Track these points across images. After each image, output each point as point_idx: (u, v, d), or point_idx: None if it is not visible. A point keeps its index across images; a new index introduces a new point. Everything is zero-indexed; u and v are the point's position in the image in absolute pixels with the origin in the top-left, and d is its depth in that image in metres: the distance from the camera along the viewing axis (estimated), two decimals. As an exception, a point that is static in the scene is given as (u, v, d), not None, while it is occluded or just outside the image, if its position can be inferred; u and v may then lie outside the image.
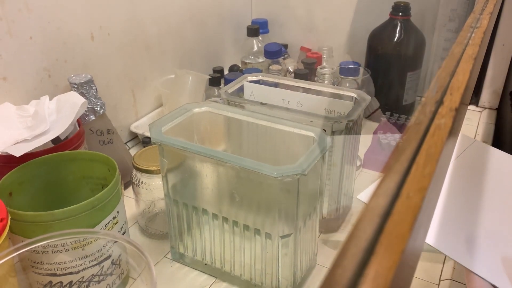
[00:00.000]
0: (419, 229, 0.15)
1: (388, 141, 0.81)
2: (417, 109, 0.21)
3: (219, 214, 0.54)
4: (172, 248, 0.61)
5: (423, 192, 0.15)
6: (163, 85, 0.91)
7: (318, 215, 0.56)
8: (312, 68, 0.95)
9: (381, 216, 0.14)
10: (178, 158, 0.54)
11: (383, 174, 0.16)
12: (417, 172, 0.16)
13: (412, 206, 0.15)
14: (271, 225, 0.50)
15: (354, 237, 0.13)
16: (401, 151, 0.17)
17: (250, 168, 0.46)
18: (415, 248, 0.16)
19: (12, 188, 0.52)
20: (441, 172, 0.19)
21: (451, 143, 0.21)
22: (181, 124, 0.57)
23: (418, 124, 0.19)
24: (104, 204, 0.49)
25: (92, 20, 0.75)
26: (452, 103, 0.21)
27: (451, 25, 0.97)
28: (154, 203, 0.64)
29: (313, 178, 0.52)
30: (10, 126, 0.59)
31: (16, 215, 0.46)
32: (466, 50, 0.29)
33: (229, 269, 0.57)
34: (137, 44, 0.86)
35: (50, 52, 0.69)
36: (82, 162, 0.57)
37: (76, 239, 0.47)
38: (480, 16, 0.37)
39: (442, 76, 0.24)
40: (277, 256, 0.51)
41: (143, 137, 0.87)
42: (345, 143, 0.60)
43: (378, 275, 0.12)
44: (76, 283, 0.49)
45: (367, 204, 0.15)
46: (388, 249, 0.13)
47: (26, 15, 0.64)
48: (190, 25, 0.99)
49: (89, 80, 0.68)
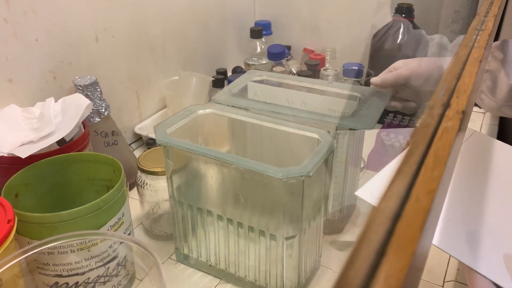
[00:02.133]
0: (428, 231, 0.15)
1: (392, 143, 0.81)
2: (425, 111, 0.21)
3: (223, 216, 0.54)
4: (176, 250, 0.61)
5: (432, 194, 0.16)
6: (167, 86, 0.92)
7: (322, 217, 0.57)
8: (315, 70, 0.95)
9: (391, 218, 0.14)
10: (183, 160, 0.54)
11: (392, 177, 0.16)
12: (426, 174, 0.16)
13: (421, 208, 0.15)
14: (275, 226, 0.50)
15: (365, 239, 0.13)
16: (409, 154, 0.17)
17: (255, 169, 0.47)
18: (424, 250, 0.16)
19: (18, 190, 0.53)
20: (449, 175, 0.19)
21: (458, 146, 0.21)
22: (186, 126, 0.57)
23: (425, 126, 0.19)
24: (109, 206, 0.49)
25: (97, 22, 0.76)
26: (459, 106, 0.21)
27: (454, 26, 0.97)
28: (158, 205, 0.64)
29: (317, 180, 0.52)
30: (16, 128, 0.59)
31: (22, 217, 0.46)
32: (472, 53, 0.29)
33: (234, 271, 0.57)
34: (141, 46, 0.86)
35: (55, 54, 0.70)
36: (87, 164, 0.58)
37: (82, 241, 0.47)
38: (485, 19, 0.37)
39: (449, 78, 0.24)
40: (282, 257, 0.51)
41: (147, 138, 0.87)
42: (349, 145, 0.60)
43: (390, 276, 0.12)
44: (82, 284, 0.49)
45: (377, 206, 0.15)
46: (399, 251, 0.13)
47: (32, 18, 0.65)
48: (194, 27, 1.00)
49: (93, 82, 0.69)
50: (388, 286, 0.12)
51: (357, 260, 0.13)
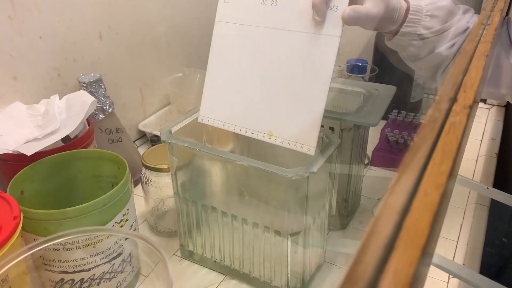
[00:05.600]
0: (436, 225, 0.15)
1: (396, 139, 0.81)
2: (432, 106, 0.21)
3: (228, 212, 0.54)
4: (181, 246, 0.61)
5: (440, 189, 0.15)
6: (171, 83, 0.92)
7: (327, 213, 0.57)
8: None
9: (400, 213, 0.14)
10: (187, 157, 0.54)
11: (400, 172, 0.16)
12: (433, 169, 0.16)
13: (430, 203, 0.15)
14: (280, 223, 0.50)
15: (374, 233, 0.13)
16: (417, 149, 0.17)
17: (260, 166, 0.47)
18: (432, 245, 0.16)
19: (24, 187, 0.53)
20: (457, 169, 0.19)
21: (465, 140, 0.21)
22: (191, 124, 0.57)
23: (433, 121, 0.19)
24: (114, 202, 0.49)
25: (101, 19, 0.76)
26: (466, 101, 0.21)
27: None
28: (163, 201, 0.65)
29: (322, 176, 0.52)
30: (21, 125, 0.60)
31: (28, 213, 0.46)
32: (478, 47, 0.29)
33: (239, 267, 0.57)
34: (145, 43, 0.86)
35: (60, 51, 0.70)
36: (92, 161, 0.58)
37: (88, 237, 0.47)
38: (491, 13, 0.37)
39: (455, 73, 0.24)
40: (287, 253, 0.51)
41: (151, 135, 0.87)
42: (353, 141, 0.60)
43: (399, 270, 0.12)
44: (87, 281, 0.50)
45: (385, 201, 0.15)
46: (408, 245, 0.13)
47: (36, 15, 0.65)
48: (197, 24, 1.00)
49: (98, 79, 0.69)
50: (397, 281, 0.12)
51: (366, 254, 0.13)
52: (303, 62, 0.49)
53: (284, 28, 0.50)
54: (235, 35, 0.53)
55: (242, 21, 0.53)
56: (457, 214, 0.69)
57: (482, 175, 0.79)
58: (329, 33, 0.48)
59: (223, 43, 0.54)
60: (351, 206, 0.67)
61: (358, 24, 0.49)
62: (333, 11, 0.48)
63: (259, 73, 0.51)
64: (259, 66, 0.51)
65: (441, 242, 0.63)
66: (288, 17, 0.50)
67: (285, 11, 0.50)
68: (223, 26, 0.54)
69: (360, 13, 0.47)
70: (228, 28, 0.53)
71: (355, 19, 0.47)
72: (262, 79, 0.51)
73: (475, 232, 0.65)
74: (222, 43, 0.54)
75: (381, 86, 0.64)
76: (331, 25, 0.48)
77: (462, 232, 0.65)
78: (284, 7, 0.50)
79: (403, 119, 0.88)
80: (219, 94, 0.54)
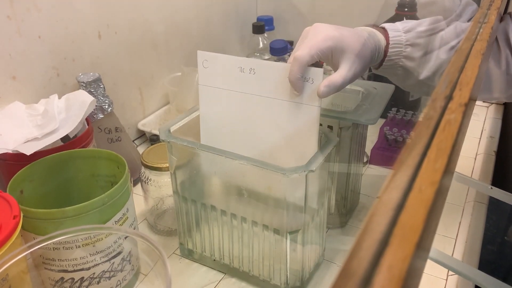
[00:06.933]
0: (431, 222, 0.15)
1: (395, 137, 0.81)
2: (428, 104, 0.21)
3: (227, 211, 0.54)
4: (181, 245, 0.61)
5: (435, 185, 0.16)
6: (170, 83, 0.92)
7: (325, 211, 0.57)
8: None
9: (395, 209, 0.14)
10: (186, 155, 0.55)
11: (395, 169, 0.17)
12: (428, 166, 0.17)
13: (424, 199, 0.15)
14: (279, 221, 0.50)
15: (368, 229, 0.13)
16: (412, 146, 0.17)
17: (259, 165, 0.47)
18: (427, 241, 0.16)
19: (23, 186, 0.53)
20: (452, 166, 0.19)
21: (461, 138, 0.21)
22: (190, 123, 0.57)
23: (428, 119, 0.19)
24: (114, 201, 0.49)
25: (100, 19, 0.76)
26: (461, 99, 0.22)
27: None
28: (162, 200, 0.65)
29: (321, 175, 0.52)
30: (20, 125, 0.60)
31: (28, 213, 0.46)
32: (475, 46, 0.29)
33: (238, 265, 0.57)
34: (144, 43, 0.86)
35: (59, 51, 0.70)
36: (92, 160, 0.58)
37: (87, 236, 0.47)
38: (488, 12, 0.37)
39: (451, 71, 0.24)
40: (285, 252, 0.52)
41: (151, 134, 0.87)
42: (352, 139, 0.60)
43: (393, 265, 0.12)
44: (87, 279, 0.50)
45: (380, 198, 0.15)
46: (403, 241, 0.13)
47: (35, 15, 0.65)
48: (196, 23, 1.00)
49: (97, 78, 0.69)
50: (391, 276, 0.12)
51: (360, 250, 0.13)
52: (287, 124, 0.51)
53: (265, 96, 0.52)
54: (219, 96, 0.54)
55: (223, 86, 0.54)
56: (456, 212, 0.69)
57: (480, 173, 0.79)
58: (309, 103, 0.50)
59: (209, 104, 0.56)
60: (350, 204, 0.67)
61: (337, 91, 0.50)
62: (309, 83, 0.49)
63: (247, 133, 0.54)
64: (246, 127, 0.54)
65: (440, 239, 0.64)
66: (267, 85, 0.51)
67: (264, 79, 0.51)
68: (206, 89, 0.55)
69: (336, 85, 0.48)
70: (212, 91, 0.55)
71: (331, 92, 0.48)
72: (251, 140, 0.54)
73: (474, 230, 0.65)
74: (208, 104, 0.56)
75: (379, 85, 0.64)
76: (309, 97, 0.49)
77: (461, 230, 0.65)
78: (263, 77, 0.51)
79: (402, 117, 0.88)
80: (215, 137, 0.56)
